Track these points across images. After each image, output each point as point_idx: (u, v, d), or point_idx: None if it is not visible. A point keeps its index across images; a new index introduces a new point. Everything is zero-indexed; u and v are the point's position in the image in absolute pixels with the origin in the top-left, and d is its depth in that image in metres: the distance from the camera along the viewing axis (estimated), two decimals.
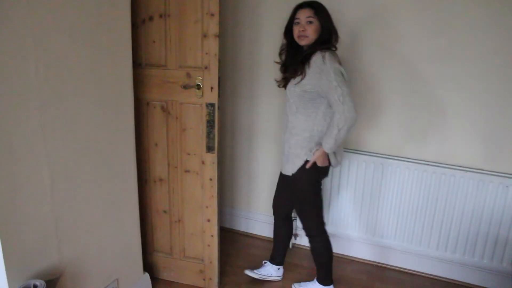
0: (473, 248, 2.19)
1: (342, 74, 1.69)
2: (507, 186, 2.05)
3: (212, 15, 1.78)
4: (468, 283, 2.28)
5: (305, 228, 2.02)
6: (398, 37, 2.12)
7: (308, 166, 1.81)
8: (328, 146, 1.73)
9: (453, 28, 2.01)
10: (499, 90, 2.01)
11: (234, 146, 2.70)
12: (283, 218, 2.19)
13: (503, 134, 2.06)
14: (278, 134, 2.53)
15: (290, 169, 1.88)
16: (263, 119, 2.56)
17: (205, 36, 1.81)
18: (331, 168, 1.94)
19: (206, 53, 1.83)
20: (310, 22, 1.74)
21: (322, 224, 2.00)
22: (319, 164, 1.80)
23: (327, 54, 1.69)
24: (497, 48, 1.96)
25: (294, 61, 1.82)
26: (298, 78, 1.76)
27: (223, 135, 2.65)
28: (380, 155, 2.27)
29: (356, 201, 2.39)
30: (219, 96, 1.88)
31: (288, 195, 2.04)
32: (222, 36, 1.89)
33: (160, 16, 1.86)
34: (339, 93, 1.63)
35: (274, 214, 2.20)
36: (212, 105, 1.88)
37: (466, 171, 2.12)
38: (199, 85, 1.87)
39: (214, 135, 1.92)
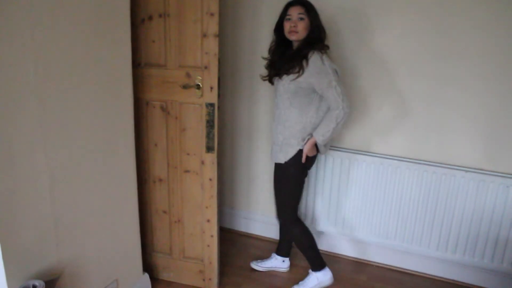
0: (474, 248, 2.18)
1: (337, 72, 1.86)
2: (507, 186, 2.04)
3: (212, 14, 1.77)
4: (468, 284, 2.27)
5: (280, 216, 2.14)
6: (397, 36, 2.12)
7: (304, 160, 1.94)
8: (323, 138, 1.87)
9: (454, 27, 2.01)
10: (500, 89, 2.00)
11: (234, 146, 2.69)
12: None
13: (503, 133, 2.05)
14: None
15: (283, 157, 1.98)
16: (263, 119, 2.55)
17: (204, 35, 1.81)
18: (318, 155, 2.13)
19: (206, 53, 1.82)
20: (301, 19, 1.84)
21: (296, 213, 2.13)
22: (309, 154, 1.95)
23: (325, 56, 1.84)
24: (498, 47, 1.96)
25: (284, 58, 1.93)
26: (293, 76, 1.85)
27: (222, 135, 2.64)
28: (381, 155, 2.27)
29: (356, 201, 2.38)
30: (218, 96, 1.88)
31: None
32: (222, 35, 1.88)
33: (160, 15, 1.85)
34: (339, 91, 1.80)
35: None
36: (212, 105, 1.88)
37: (467, 171, 2.11)
38: (199, 85, 1.86)
39: (213, 135, 1.92)
